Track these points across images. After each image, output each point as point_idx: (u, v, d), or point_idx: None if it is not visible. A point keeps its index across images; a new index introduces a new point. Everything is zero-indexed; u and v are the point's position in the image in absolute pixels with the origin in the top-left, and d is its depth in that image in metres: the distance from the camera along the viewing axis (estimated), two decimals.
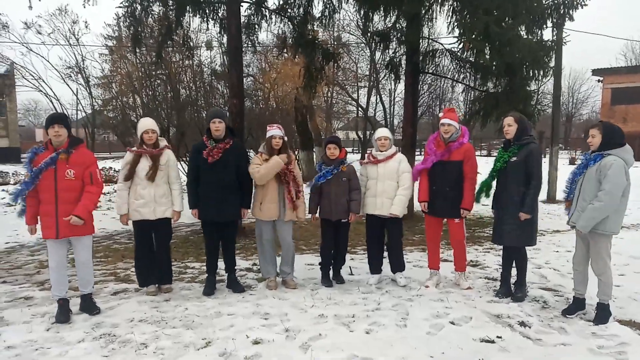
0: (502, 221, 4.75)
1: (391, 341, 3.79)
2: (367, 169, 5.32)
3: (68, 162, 4.19)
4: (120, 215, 4.88)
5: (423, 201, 5.15)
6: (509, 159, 4.65)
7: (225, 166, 4.89)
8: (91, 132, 27.12)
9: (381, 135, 5.30)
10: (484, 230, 8.81)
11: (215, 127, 4.88)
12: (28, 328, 4.10)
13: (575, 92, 44.95)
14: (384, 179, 5.19)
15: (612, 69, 28.42)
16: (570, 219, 4.34)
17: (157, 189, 4.83)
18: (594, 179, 4.09)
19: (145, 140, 4.84)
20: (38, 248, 7.73)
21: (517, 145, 4.64)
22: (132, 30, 8.64)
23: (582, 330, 4.02)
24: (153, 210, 4.82)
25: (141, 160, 4.82)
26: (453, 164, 4.98)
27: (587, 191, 4.14)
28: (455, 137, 5.00)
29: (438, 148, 5.05)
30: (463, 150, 5.00)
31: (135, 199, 4.81)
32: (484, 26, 7.13)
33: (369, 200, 5.26)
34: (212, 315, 4.39)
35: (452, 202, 5.01)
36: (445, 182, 4.99)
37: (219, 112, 5.20)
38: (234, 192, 4.98)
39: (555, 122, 13.75)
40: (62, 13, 14.72)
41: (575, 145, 34.50)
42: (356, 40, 24.79)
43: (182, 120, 11.60)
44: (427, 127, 34.68)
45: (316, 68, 9.54)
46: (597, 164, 4.09)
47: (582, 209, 4.15)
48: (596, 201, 4.02)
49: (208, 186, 4.91)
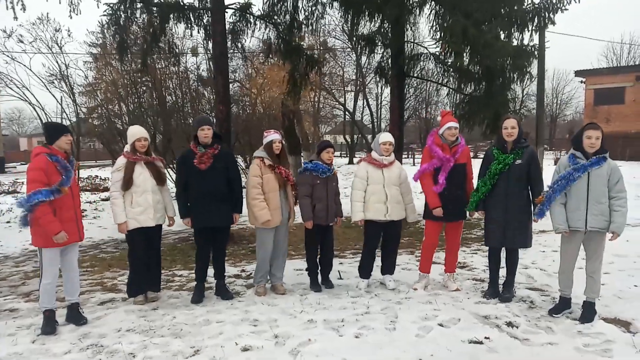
0: (507, 224, 4.67)
1: (380, 345, 3.80)
2: (370, 173, 5.18)
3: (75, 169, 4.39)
4: (119, 223, 4.78)
5: (437, 207, 4.99)
6: (512, 162, 4.63)
7: (216, 172, 4.89)
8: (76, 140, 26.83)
9: (386, 140, 5.21)
10: (471, 231, 8.88)
11: (204, 134, 4.87)
12: (13, 341, 4.04)
13: (559, 93, 45.61)
14: (390, 185, 5.16)
15: (594, 70, 28.81)
16: (588, 224, 4.16)
17: (154, 196, 4.83)
18: (605, 180, 4.11)
19: (138, 148, 4.82)
20: (23, 259, 7.62)
21: (519, 147, 4.66)
22: (117, 38, 8.59)
23: (568, 329, 4.06)
24: (152, 217, 4.81)
25: (136, 168, 4.79)
26: (461, 166, 5.03)
27: (600, 193, 4.12)
28: (459, 140, 5.04)
29: (445, 152, 4.98)
30: (466, 152, 5.08)
31: (132, 207, 4.76)
32: (462, 29, 7.22)
33: (378, 206, 5.12)
34: (201, 323, 4.36)
35: (462, 205, 5.04)
36: (457, 185, 5.01)
37: (207, 119, 5.22)
38: (225, 198, 4.99)
39: (539, 123, 13.93)
40: (43, 22, 14.58)
41: (559, 145, 34.93)
42: (342, 45, 24.93)
43: (169, 127, 11.54)
44: (414, 130, 34.94)
45: (300, 74, 9.57)
46: (606, 166, 4.11)
47: (600, 212, 4.11)
48: (624, 202, 4.09)
49: (199, 193, 4.89)
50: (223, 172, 4.95)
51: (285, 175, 5.05)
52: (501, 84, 8.29)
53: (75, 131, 24.53)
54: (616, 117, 25.35)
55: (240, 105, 14.72)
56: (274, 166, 4.99)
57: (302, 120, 19.61)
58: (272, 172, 5.00)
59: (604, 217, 4.14)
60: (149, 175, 4.82)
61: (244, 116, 14.26)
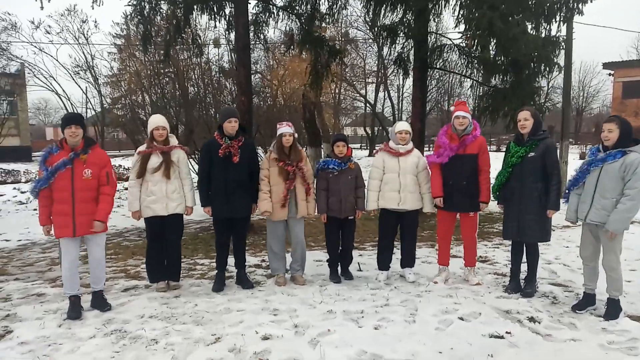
0: (519, 217, 4.65)
1: (400, 337, 3.79)
2: (386, 162, 5.20)
3: (85, 162, 4.25)
4: (132, 212, 4.91)
5: (438, 196, 5.07)
6: (525, 154, 4.57)
7: (239, 163, 4.92)
8: (101, 130, 27.32)
9: (402, 128, 5.21)
10: (494, 226, 8.77)
11: (231, 126, 4.91)
12: (40, 324, 4.15)
13: (585, 86, 44.46)
14: (405, 173, 5.14)
15: (623, 62, 28.04)
16: (588, 217, 4.17)
17: (169, 185, 4.86)
18: (616, 176, 3.98)
19: (156, 137, 4.88)
20: (49, 245, 7.82)
21: (533, 140, 4.58)
22: (141, 29, 8.69)
23: (592, 326, 3.99)
24: (165, 206, 4.86)
25: (152, 157, 4.85)
26: (469, 157, 4.95)
27: (607, 188, 4.03)
28: (469, 130, 4.97)
29: (452, 142, 4.98)
30: (478, 143, 4.98)
31: (146, 195, 4.84)
32: (488, 22, 7.08)
33: (392, 194, 5.15)
34: (222, 312, 4.42)
35: (469, 196, 4.98)
36: (462, 176, 4.95)
37: (234, 111, 5.18)
38: (246, 189, 5.02)
39: (565, 117, 13.61)
40: (71, 13, 14.85)
41: (585, 139, 34.14)
42: (364, 36, 24.75)
43: (191, 118, 11.63)
44: (435, 122, 34.55)
45: (322, 65, 9.53)
46: (621, 161, 3.97)
47: (602, 207, 4.04)
48: (628, 200, 3.92)
49: (221, 183, 4.93)
50: (245, 163, 4.98)
51: (292, 169, 5.01)
52: (527, 75, 8.12)
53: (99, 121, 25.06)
54: None
55: (262, 97, 14.75)
56: (278, 160, 5.01)
57: (323, 112, 19.58)
58: (277, 165, 5.02)
59: (606, 212, 4.04)
60: (164, 165, 4.86)
61: (265, 107, 14.29)
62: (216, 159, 4.89)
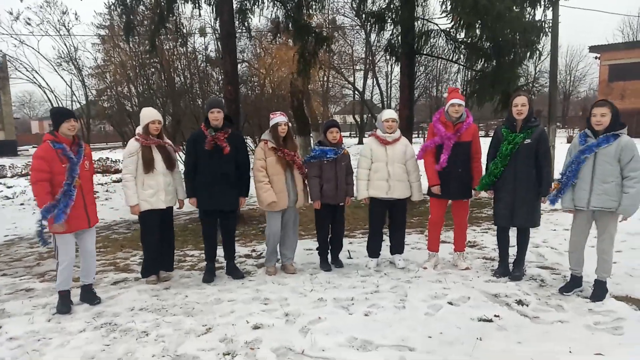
0: (514, 203, 4.66)
1: (390, 323, 3.82)
2: (374, 151, 5.20)
3: (85, 154, 4.32)
4: (132, 205, 4.82)
5: (435, 184, 5.05)
6: (522, 141, 4.57)
7: (225, 155, 4.87)
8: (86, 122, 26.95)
9: (388, 117, 5.20)
10: (482, 210, 8.85)
11: (214, 117, 4.84)
12: (30, 319, 4.12)
13: (572, 70, 44.80)
14: (393, 162, 5.14)
15: (609, 45, 28.20)
16: (590, 204, 4.12)
17: (165, 178, 4.86)
18: (613, 159, 3.99)
19: (152, 130, 4.83)
20: (37, 240, 7.74)
21: (528, 126, 4.58)
22: (124, 19, 8.56)
23: (579, 307, 4.05)
24: (163, 199, 4.85)
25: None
26: (464, 144, 4.96)
27: (606, 172, 4.02)
28: (463, 118, 4.98)
29: (448, 129, 4.97)
30: (471, 130, 5.00)
31: (143, 189, 4.80)
32: (473, 0, 7.06)
33: (380, 183, 5.15)
34: (212, 302, 4.42)
35: (464, 183, 5.00)
36: (458, 163, 4.96)
37: (218, 102, 5.08)
38: (233, 181, 4.98)
39: (552, 101, 13.64)
40: (50, 4, 14.58)
41: (573, 123, 34.43)
42: (351, 23, 24.57)
43: (178, 109, 11.53)
44: (424, 109, 34.63)
45: (309, 53, 9.47)
46: (616, 144, 3.98)
47: (604, 192, 4.04)
48: (636, 183, 3.92)
49: (207, 175, 4.89)
50: (232, 155, 4.93)
51: (290, 158, 5.01)
52: (511, 60, 8.13)
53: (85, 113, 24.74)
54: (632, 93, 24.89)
55: (249, 86, 14.63)
56: (277, 149, 4.98)
57: (311, 101, 19.48)
58: (275, 155, 4.99)
59: (608, 196, 4.05)
60: (160, 158, 4.84)
61: (253, 97, 14.18)
62: (202, 150, 4.84)
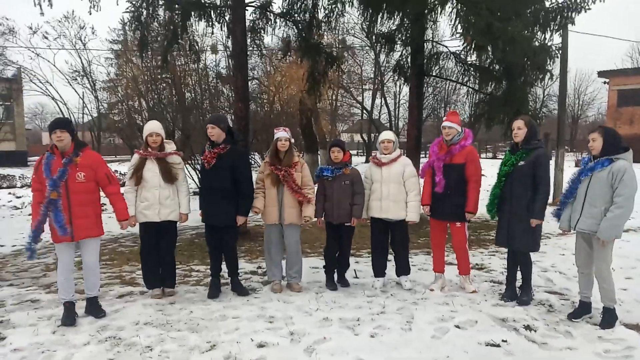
0: (509, 225, 4.69)
1: (396, 345, 3.78)
2: (372, 172, 5.34)
3: (78, 165, 4.25)
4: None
5: (425, 204, 5.18)
6: (515, 163, 4.61)
7: (217, 171, 4.88)
8: (97, 135, 27.23)
9: (384, 138, 5.29)
10: (490, 233, 8.77)
11: (209, 133, 4.93)
12: (34, 331, 4.12)
13: (581, 94, 44.84)
14: (388, 182, 5.18)
15: (618, 71, 28.24)
16: (577, 225, 4.22)
17: (162, 191, 4.84)
18: (605, 184, 4.02)
19: (150, 143, 4.87)
20: (44, 251, 7.77)
21: (524, 149, 4.60)
22: (139, 35, 8.69)
23: (588, 334, 3.99)
24: (157, 212, 4.84)
25: (147, 163, 4.85)
26: (454, 166, 4.96)
27: (596, 196, 4.07)
28: (457, 140, 4.98)
29: (440, 151, 5.06)
30: (465, 152, 4.98)
31: (140, 201, 4.84)
32: (486, 23, 7.13)
33: (374, 203, 5.25)
34: (217, 319, 4.39)
35: (454, 206, 4.99)
36: (448, 185, 4.97)
37: (213, 118, 5.14)
38: (227, 198, 4.92)
39: (561, 124, 13.69)
40: (68, 19, 14.90)
41: (581, 147, 34.31)
42: (361, 43, 24.85)
43: (187, 124, 11.62)
44: (432, 129, 34.66)
45: (319, 72, 9.56)
46: (608, 168, 4.02)
47: (591, 215, 4.08)
48: (616, 208, 3.95)
49: (204, 190, 5.08)
50: (226, 171, 4.89)
51: (281, 174, 5.00)
52: (522, 83, 8.18)
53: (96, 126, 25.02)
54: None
55: (259, 103, 14.76)
56: (271, 163, 5.07)
57: (320, 119, 19.61)
58: (269, 169, 5.08)
59: (595, 220, 4.08)
60: (157, 171, 4.84)
61: (262, 114, 14.29)
62: (201, 165, 5.00)
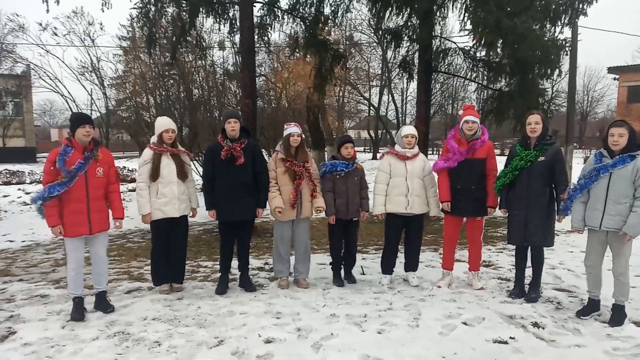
0: (528, 222, 4.62)
1: (403, 341, 3.78)
2: (393, 166, 5.19)
3: (99, 161, 4.34)
4: (144, 215, 4.86)
5: (445, 201, 5.06)
6: (534, 159, 4.55)
7: (242, 165, 4.90)
8: (105, 131, 27.34)
9: (408, 132, 5.21)
10: (497, 230, 8.75)
11: (231, 127, 4.90)
12: (44, 326, 4.15)
13: (590, 91, 44.46)
14: (412, 177, 5.13)
15: (628, 67, 27.87)
16: (602, 224, 4.09)
17: (179, 187, 4.89)
18: (628, 181, 3.96)
19: (165, 139, 4.88)
20: (53, 247, 7.84)
21: (542, 144, 4.55)
22: (146, 31, 8.72)
23: (596, 332, 3.97)
24: (177, 207, 4.87)
25: (162, 159, 4.86)
26: (477, 161, 4.94)
27: (620, 193, 3.99)
28: (478, 135, 4.97)
29: (460, 146, 4.97)
30: (486, 147, 4.98)
31: (157, 198, 4.83)
32: (496, 19, 7.08)
33: (399, 198, 5.13)
34: (225, 314, 4.41)
35: (477, 201, 4.97)
36: (470, 180, 4.94)
37: (235, 113, 5.21)
38: (250, 192, 5.00)
39: (570, 121, 13.59)
40: (77, 15, 14.99)
41: (590, 144, 34.06)
42: (368, 40, 24.77)
43: (195, 120, 11.66)
44: (439, 126, 34.53)
45: (326, 69, 9.55)
46: (632, 165, 3.95)
47: (617, 212, 4.01)
48: None
49: (225, 186, 4.93)
50: (249, 165, 4.96)
51: (299, 169, 5.00)
52: (532, 78, 8.11)
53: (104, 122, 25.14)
54: None
55: (266, 100, 14.77)
56: (285, 159, 5.01)
57: (327, 115, 19.59)
58: (284, 165, 5.02)
59: (621, 217, 4.01)
60: (174, 167, 4.87)
61: (269, 110, 14.31)
62: (219, 161, 4.88)
